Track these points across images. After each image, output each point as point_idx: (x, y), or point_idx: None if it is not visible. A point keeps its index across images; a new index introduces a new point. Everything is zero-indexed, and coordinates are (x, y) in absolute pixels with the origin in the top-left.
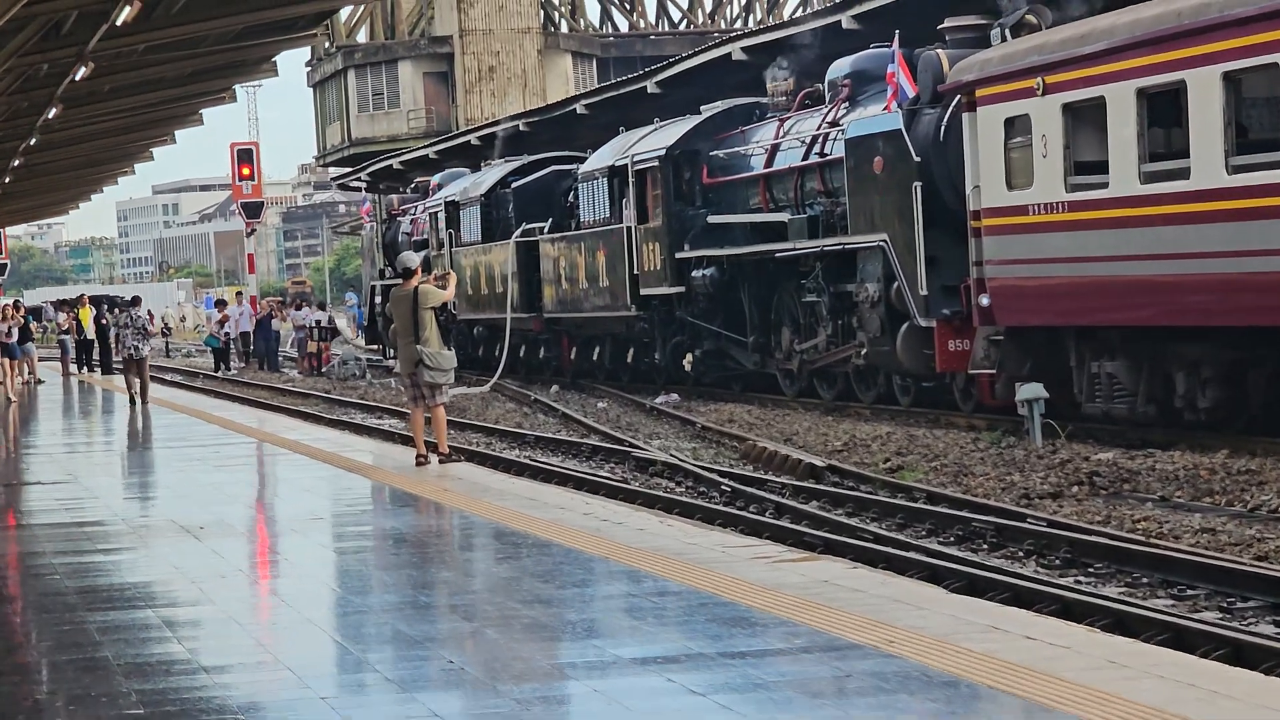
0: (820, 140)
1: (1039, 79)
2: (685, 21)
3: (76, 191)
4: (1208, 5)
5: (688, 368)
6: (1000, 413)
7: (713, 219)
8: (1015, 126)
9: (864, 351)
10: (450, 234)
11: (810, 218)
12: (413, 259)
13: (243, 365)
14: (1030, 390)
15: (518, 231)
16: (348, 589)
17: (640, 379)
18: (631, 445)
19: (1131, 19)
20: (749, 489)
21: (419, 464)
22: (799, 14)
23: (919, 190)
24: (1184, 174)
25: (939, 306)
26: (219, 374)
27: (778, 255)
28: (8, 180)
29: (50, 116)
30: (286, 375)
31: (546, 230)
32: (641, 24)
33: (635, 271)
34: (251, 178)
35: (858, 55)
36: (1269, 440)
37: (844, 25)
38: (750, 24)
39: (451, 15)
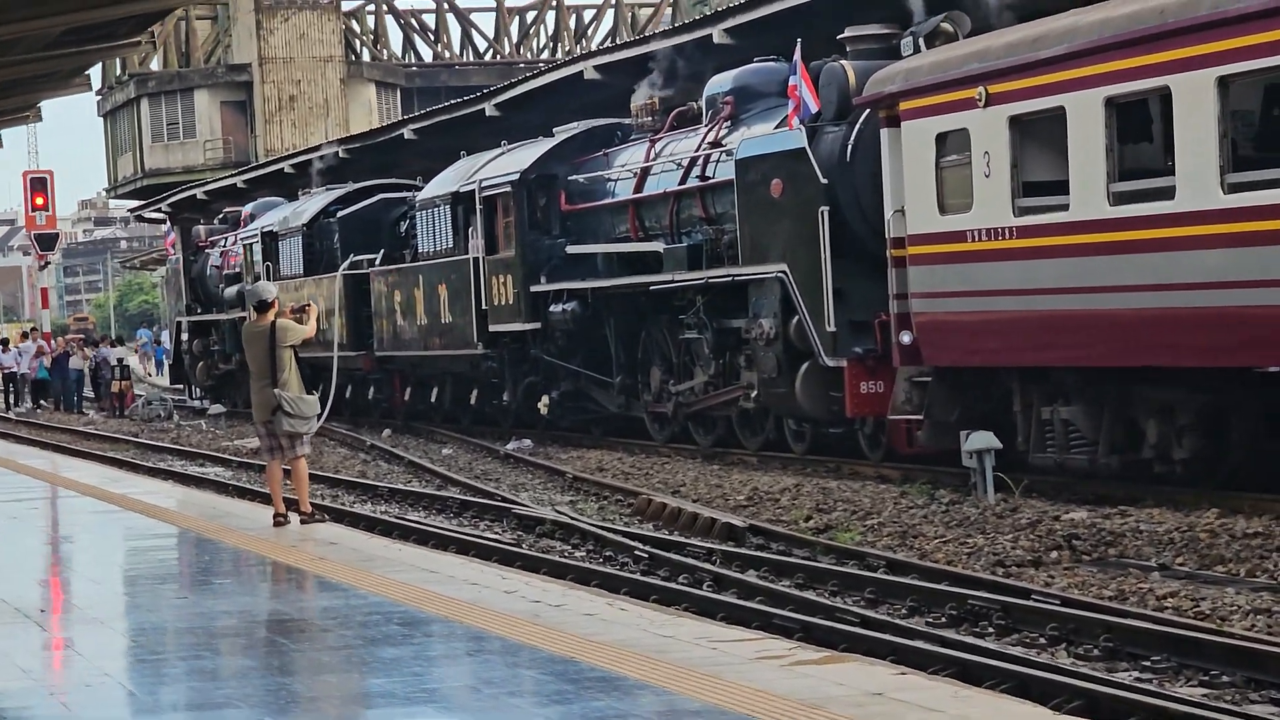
0: (701, 162)
1: (980, 89)
2: (491, 52)
3: None
4: (1197, 2)
5: (543, 411)
6: (916, 462)
7: (572, 249)
8: (949, 143)
9: (754, 394)
10: (268, 266)
11: (691, 247)
12: (269, 290)
13: (32, 406)
14: (981, 440)
15: (345, 263)
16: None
17: (483, 422)
18: (506, 500)
19: (1099, 18)
20: (669, 554)
21: (277, 524)
22: (649, 32)
23: (826, 215)
24: (1167, 194)
25: (848, 344)
26: (10, 414)
27: (652, 288)
28: None
29: None
30: (87, 417)
31: (378, 262)
32: (446, 54)
33: (484, 306)
34: (45, 207)
35: (740, 70)
36: (1256, 497)
37: (715, 40)
38: (559, 54)
39: (250, 42)
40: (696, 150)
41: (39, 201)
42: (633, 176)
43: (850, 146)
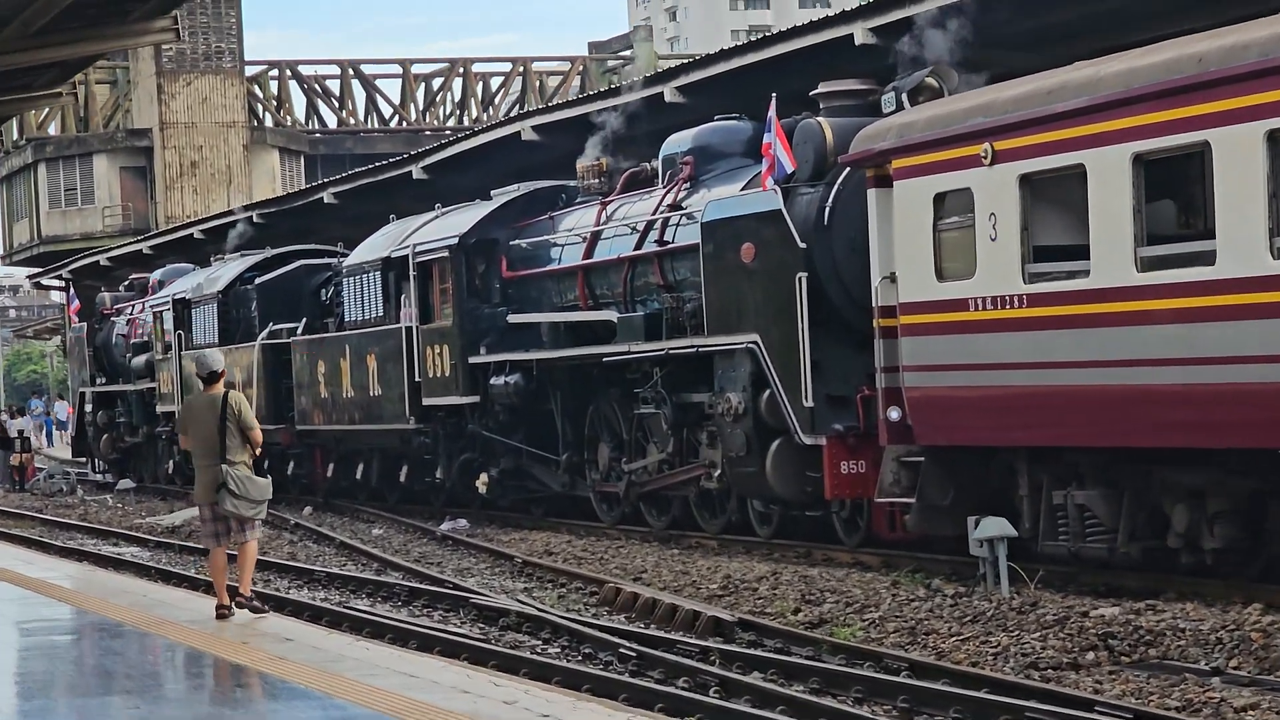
0: (659, 225)
1: (986, 145)
2: (397, 119)
3: None
4: (1244, 48)
5: (482, 489)
6: (895, 547)
7: (515, 318)
8: (950, 203)
9: (717, 473)
10: (179, 335)
11: (649, 315)
12: (217, 360)
13: None
14: (993, 527)
15: (263, 333)
16: None
17: (412, 500)
18: (461, 588)
19: (1126, 68)
20: (657, 652)
21: (220, 616)
22: (558, 100)
23: (804, 282)
24: (1205, 259)
25: (827, 420)
26: None
27: (605, 360)
28: None
29: None
30: None
31: (300, 331)
32: (351, 121)
33: (416, 378)
34: None
35: (700, 129)
36: None
37: (666, 98)
38: (466, 123)
39: (151, 107)
40: (654, 213)
41: None
42: (581, 241)
43: (828, 209)
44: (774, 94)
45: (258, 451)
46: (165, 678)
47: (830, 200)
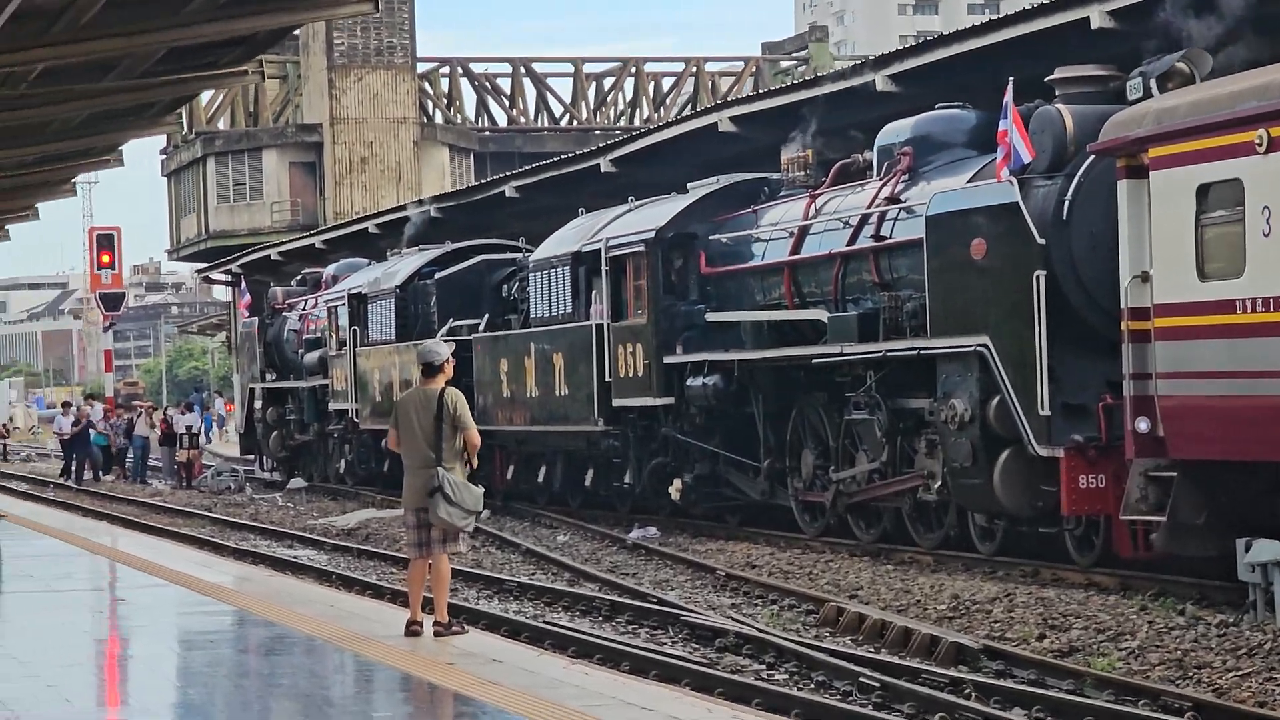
0: (875, 220)
1: (1261, 131)
2: (567, 117)
3: None
4: None
5: (675, 496)
6: (1133, 568)
7: (714, 316)
8: (1215, 195)
9: (936, 484)
10: (354, 331)
11: (864, 315)
12: (439, 351)
13: (91, 476)
14: (1269, 550)
15: (443, 329)
16: None
17: (596, 505)
18: (668, 604)
19: None
20: (903, 683)
21: (410, 633)
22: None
23: (1041, 281)
24: None
25: (1064, 431)
26: (71, 483)
27: (814, 362)
28: None
29: None
30: (151, 487)
31: (482, 328)
32: (521, 119)
33: (606, 378)
34: (112, 265)
35: (920, 118)
36: None
37: (878, 87)
38: (637, 123)
39: (322, 102)
40: (869, 207)
41: (105, 259)
42: (788, 236)
43: (1068, 202)
44: (1010, 79)
45: (474, 459)
46: (373, 703)
47: (1070, 193)
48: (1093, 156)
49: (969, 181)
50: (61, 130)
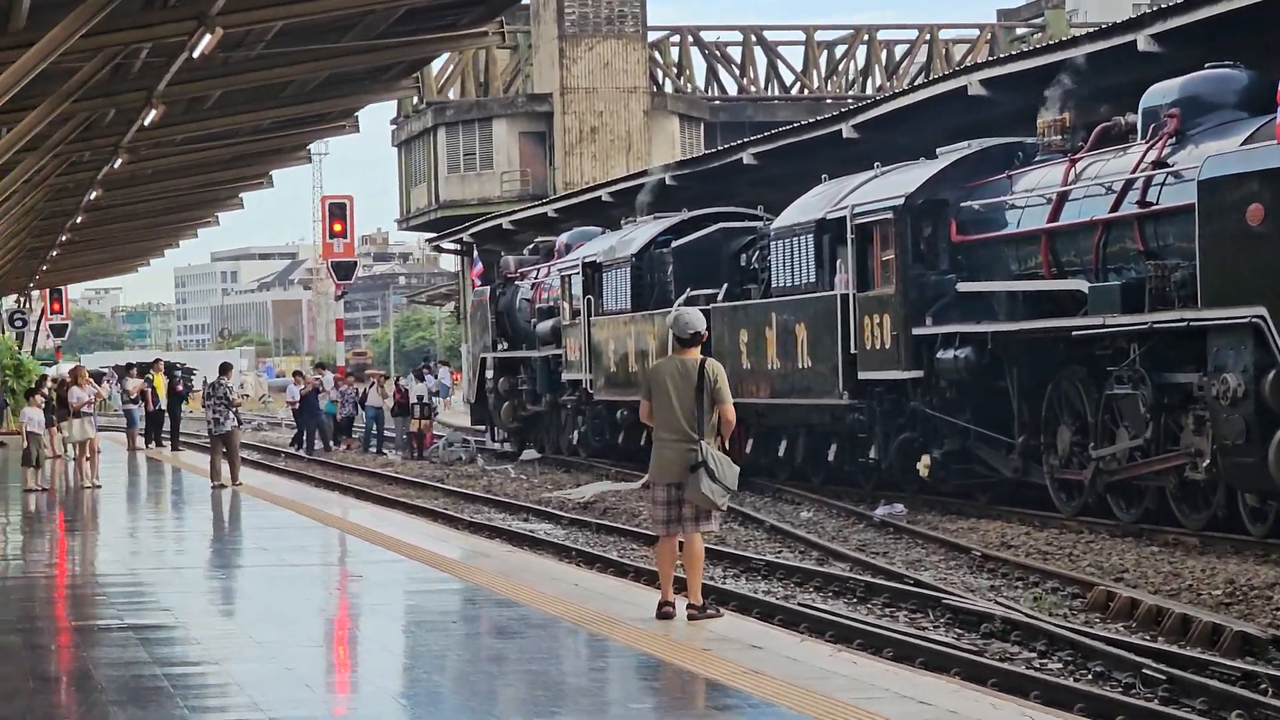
0: (1140, 185)
1: None
2: (798, 86)
3: (127, 263)
4: None
5: (923, 472)
6: None
7: (966, 286)
8: None
9: (1205, 463)
10: (589, 300)
11: (1127, 285)
12: (697, 320)
13: (322, 446)
14: None
15: (680, 299)
16: None
17: (839, 480)
18: (925, 586)
19: None
20: (1193, 676)
21: (662, 615)
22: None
23: None
24: None
25: None
26: (302, 453)
27: (1074, 334)
28: (55, 254)
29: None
30: (384, 458)
31: (720, 297)
32: (751, 88)
33: (851, 350)
34: (344, 235)
35: (1188, 78)
36: None
37: (1140, 47)
38: (869, 91)
39: (552, 72)
40: (1133, 171)
41: (337, 228)
42: (1045, 203)
43: None
44: None
45: (727, 437)
46: (628, 694)
47: None
48: None
49: (1243, 144)
50: (298, 94)
